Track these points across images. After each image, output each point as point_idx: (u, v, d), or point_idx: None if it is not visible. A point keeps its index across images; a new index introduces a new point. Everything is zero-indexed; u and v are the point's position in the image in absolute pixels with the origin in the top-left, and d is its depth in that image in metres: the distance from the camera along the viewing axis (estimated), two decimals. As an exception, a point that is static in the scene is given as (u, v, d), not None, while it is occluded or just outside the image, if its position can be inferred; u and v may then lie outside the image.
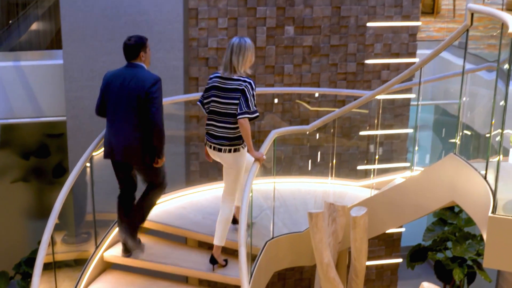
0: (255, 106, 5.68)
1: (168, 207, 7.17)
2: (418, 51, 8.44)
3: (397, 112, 8.34)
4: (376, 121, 7.45)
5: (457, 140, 5.71)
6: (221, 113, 5.78)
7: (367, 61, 8.18)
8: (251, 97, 5.65)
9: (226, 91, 5.73)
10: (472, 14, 5.32)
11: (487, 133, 4.97)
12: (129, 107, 5.78)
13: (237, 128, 5.70)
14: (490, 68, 6.57)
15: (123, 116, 5.83)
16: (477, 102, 6.17)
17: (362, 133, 8.06)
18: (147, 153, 5.82)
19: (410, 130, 8.33)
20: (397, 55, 8.27)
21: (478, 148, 5.97)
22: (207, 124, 5.91)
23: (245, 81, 5.68)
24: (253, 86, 5.69)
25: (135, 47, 5.82)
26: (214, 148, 5.86)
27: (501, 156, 4.69)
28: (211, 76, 5.91)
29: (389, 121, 8.23)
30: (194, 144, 8.05)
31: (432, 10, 13.92)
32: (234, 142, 5.79)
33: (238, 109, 5.63)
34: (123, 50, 5.86)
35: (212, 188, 7.62)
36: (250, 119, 5.64)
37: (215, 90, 5.80)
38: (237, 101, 5.66)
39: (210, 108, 5.87)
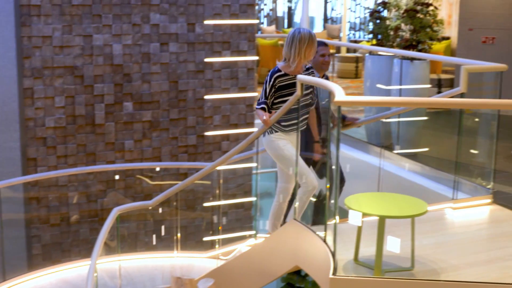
0: (264, 96, 5.86)
1: (10, 294, 6.88)
2: (257, 121, 8.66)
3: (240, 181, 8.47)
4: (218, 191, 7.54)
5: (297, 206, 5.86)
6: None
7: (207, 133, 8.31)
8: (264, 86, 5.88)
9: None
10: (302, 84, 5.55)
11: (323, 196, 5.15)
12: None
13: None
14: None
15: None
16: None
17: (206, 204, 8.11)
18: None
19: (253, 198, 8.46)
20: (235, 126, 8.45)
21: (317, 211, 6.14)
22: None
23: None
24: (269, 77, 5.85)
25: None
26: None
27: (338, 218, 4.85)
28: None
29: (232, 190, 8.34)
30: (35, 227, 7.81)
31: (268, 81, 14.37)
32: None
33: None
34: None
35: (56, 271, 7.38)
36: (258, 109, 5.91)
37: None
38: None
39: None
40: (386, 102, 5.98)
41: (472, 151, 6.83)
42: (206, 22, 8.19)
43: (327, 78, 6.52)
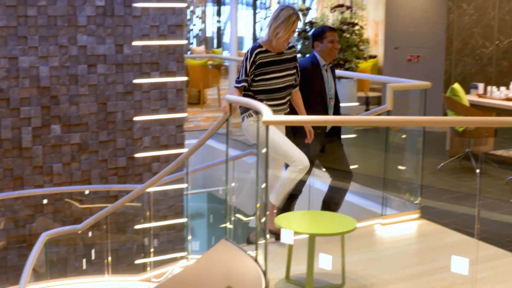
0: (244, 74, 5.47)
1: None
2: (187, 141, 8.64)
3: (171, 203, 8.43)
4: (149, 213, 7.48)
5: (228, 225, 5.86)
6: None
7: (137, 155, 8.25)
8: (243, 64, 5.47)
9: None
10: (230, 104, 5.56)
11: (253, 216, 5.16)
12: None
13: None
14: (252, 154, 6.87)
15: None
16: (243, 186, 6.40)
17: (136, 226, 8.04)
18: None
19: (184, 220, 8.43)
20: (166, 147, 8.41)
21: (248, 231, 6.15)
22: None
23: None
24: (249, 53, 5.43)
25: (311, 37, 6.05)
26: None
27: (268, 237, 4.87)
28: None
29: (163, 212, 8.29)
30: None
31: (198, 101, 14.41)
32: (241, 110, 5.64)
33: None
34: None
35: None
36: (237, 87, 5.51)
37: None
38: None
39: None
40: (315, 121, 6.02)
41: (399, 167, 6.95)
42: (134, 43, 8.16)
43: (332, 69, 6.12)
